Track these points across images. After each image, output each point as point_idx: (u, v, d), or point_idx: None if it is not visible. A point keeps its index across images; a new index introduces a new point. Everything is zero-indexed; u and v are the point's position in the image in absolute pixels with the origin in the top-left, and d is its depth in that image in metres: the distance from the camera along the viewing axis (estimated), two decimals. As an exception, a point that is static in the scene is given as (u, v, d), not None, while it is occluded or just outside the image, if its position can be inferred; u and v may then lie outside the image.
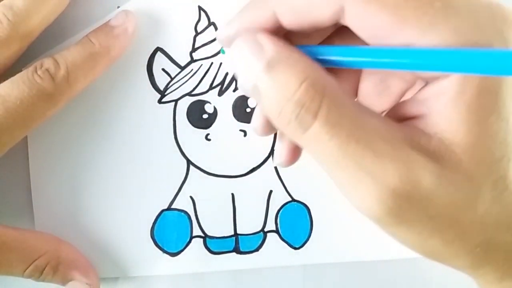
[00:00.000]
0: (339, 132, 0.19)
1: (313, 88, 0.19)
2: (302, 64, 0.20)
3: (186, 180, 0.33)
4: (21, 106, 0.28)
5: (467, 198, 0.20)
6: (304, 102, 0.19)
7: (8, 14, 0.28)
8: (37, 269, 0.31)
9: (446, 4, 0.19)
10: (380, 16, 0.19)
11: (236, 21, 0.23)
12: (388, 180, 0.19)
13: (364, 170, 0.19)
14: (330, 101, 0.19)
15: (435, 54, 0.19)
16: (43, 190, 0.33)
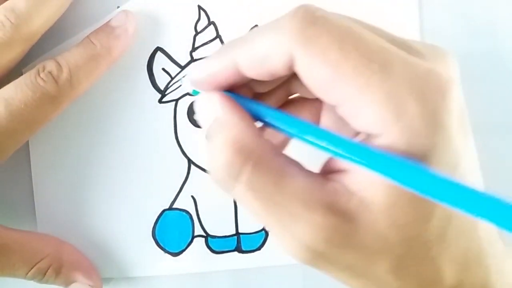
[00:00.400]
0: (260, 195, 0.21)
1: (239, 154, 0.21)
2: (236, 130, 0.22)
3: (187, 179, 0.33)
4: (25, 109, 0.28)
5: (377, 254, 0.21)
6: (229, 168, 0.22)
7: (11, 17, 0.28)
8: (40, 271, 0.31)
9: (383, 67, 0.20)
10: (323, 70, 0.20)
11: (203, 69, 0.24)
12: (304, 239, 0.21)
13: (284, 228, 0.21)
14: (252, 167, 0.21)
15: (357, 149, 0.20)
16: (45, 192, 0.33)
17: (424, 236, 0.21)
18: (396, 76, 0.20)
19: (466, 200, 0.19)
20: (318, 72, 0.21)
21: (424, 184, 0.19)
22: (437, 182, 0.19)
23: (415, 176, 0.19)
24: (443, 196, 0.19)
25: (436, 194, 0.19)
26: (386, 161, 0.20)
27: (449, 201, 0.19)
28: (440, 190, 0.19)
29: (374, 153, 0.20)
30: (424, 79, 0.21)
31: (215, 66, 0.23)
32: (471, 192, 0.19)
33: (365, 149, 0.20)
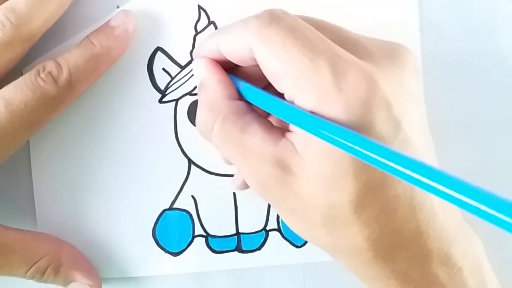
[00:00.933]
0: (228, 146, 0.27)
1: (210, 112, 0.27)
2: (211, 92, 0.27)
3: (188, 179, 0.33)
4: (25, 109, 0.28)
5: (310, 207, 0.25)
6: (204, 123, 0.27)
7: (11, 17, 0.28)
8: (39, 271, 0.31)
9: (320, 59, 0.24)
10: (271, 64, 0.25)
11: (198, 46, 0.30)
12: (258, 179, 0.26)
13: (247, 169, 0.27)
14: (220, 123, 0.26)
15: None
16: (45, 191, 0.33)
17: (347, 205, 0.24)
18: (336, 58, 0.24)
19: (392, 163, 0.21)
20: (268, 65, 0.25)
21: (354, 145, 0.22)
22: (365, 144, 0.21)
23: (346, 137, 0.22)
24: (368, 157, 0.21)
25: (361, 155, 0.22)
26: (320, 124, 0.23)
27: (376, 163, 0.21)
28: (366, 152, 0.21)
29: (311, 118, 0.23)
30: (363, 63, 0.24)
31: (206, 46, 0.28)
32: (394, 154, 0.21)
33: (303, 114, 0.24)
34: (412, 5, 0.34)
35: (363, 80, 0.23)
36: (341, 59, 0.24)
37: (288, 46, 0.24)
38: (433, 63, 0.34)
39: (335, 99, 0.23)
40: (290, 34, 0.24)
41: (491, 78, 0.34)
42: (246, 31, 0.25)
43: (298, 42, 0.24)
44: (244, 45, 0.26)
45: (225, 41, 0.27)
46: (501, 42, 0.34)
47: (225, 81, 0.27)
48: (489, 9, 0.34)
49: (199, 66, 0.29)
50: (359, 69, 0.24)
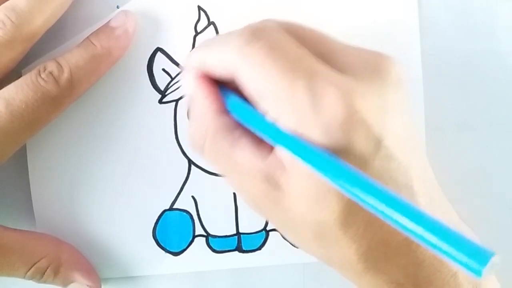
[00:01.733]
0: (218, 161, 0.27)
1: (199, 129, 0.27)
2: (199, 107, 0.27)
3: (188, 179, 0.33)
4: (26, 109, 0.28)
5: (300, 222, 0.26)
6: (194, 139, 0.27)
7: (11, 16, 0.28)
8: (39, 271, 0.31)
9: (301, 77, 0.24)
10: (251, 84, 0.25)
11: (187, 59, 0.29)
12: (249, 194, 0.27)
13: (237, 184, 0.27)
14: (209, 140, 0.26)
15: None
16: (43, 191, 0.33)
17: (333, 223, 0.24)
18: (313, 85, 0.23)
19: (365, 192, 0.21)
20: (249, 84, 0.25)
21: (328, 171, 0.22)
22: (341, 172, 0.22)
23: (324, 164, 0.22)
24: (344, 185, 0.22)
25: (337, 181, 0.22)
26: (297, 146, 0.23)
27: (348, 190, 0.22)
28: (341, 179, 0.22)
29: (290, 139, 0.24)
30: (341, 83, 0.24)
31: (192, 59, 0.28)
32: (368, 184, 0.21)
33: (283, 135, 0.24)
34: (411, 5, 0.34)
35: (340, 102, 0.23)
36: (319, 79, 0.24)
37: (267, 67, 0.24)
38: (433, 63, 0.34)
39: (312, 122, 0.23)
40: (270, 54, 0.24)
41: (491, 78, 0.34)
42: (227, 49, 0.25)
43: (277, 63, 0.24)
44: (226, 63, 0.26)
45: (210, 57, 0.27)
46: (501, 42, 0.34)
47: (213, 95, 0.27)
48: (489, 9, 0.34)
49: (188, 80, 0.28)
50: (337, 89, 0.23)
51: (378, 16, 0.33)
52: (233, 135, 0.26)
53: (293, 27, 0.26)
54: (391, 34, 0.33)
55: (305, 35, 0.26)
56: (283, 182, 0.25)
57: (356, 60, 0.26)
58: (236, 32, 0.26)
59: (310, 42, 0.26)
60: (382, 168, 0.24)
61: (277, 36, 0.25)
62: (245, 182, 0.26)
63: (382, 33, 0.33)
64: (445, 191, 0.31)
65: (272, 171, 0.25)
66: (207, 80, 0.28)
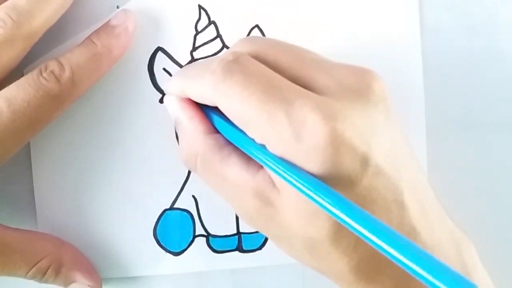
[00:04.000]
0: (210, 179, 0.28)
1: (190, 150, 0.28)
2: (187, 130, 0.28)
3: (188, 179, 0.33)
4: (28, 108, 0.28)
5: (293, 236, 0.26)
6: (186, 160, 0.29)
7: (12, 14, 0.28)
8: (40, 271, 0.31)
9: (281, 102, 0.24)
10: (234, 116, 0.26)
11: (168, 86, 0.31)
12: (241, 211, 0.28)
13: (230, 201, 0.28)
14: (200, 160, 0.28)
15: None
16: (45, 191, 0.33)
17: (323, 238, 0.25)
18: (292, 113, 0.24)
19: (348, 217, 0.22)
20: (231, 116, 0.26)
21: (313, 195, 0.23)
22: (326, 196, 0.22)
23: (309, 188, 0.23)
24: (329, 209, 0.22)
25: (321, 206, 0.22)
26: (287, 170, 0.24)
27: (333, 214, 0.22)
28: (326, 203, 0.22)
29: (278, 162, 0.24)
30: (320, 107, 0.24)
31: (173, 89, 0.30)
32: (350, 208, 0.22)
33: (270, 159, 0.24)
34: (412, 6, 0.34)
35: (321, 127, 0.23)
36: (297, 106, 0.24)
37: (244, 101, 0.24)
38: (433, 63, 0.34)
39: (296, 150, 0.24)
40: (244, 88, 0.25)
41: (491, 78, 0.34)
42: (204, 86, 0.26)
43: (253, 96, 0.24)
44: (205, 97, 0.27)
45: (189, 88, 0.28)
46: (501, 42, 0.34)
47: (197, 117, 0.28)
48: (489, 8, 0.34)
49: (171, 103, 0.30)
50: (317, 114, 0.23)
51: (379, 16, 0.33)
52: (222, 153, 0.27)
53: (265, 51, 0.27)
54: (391, 34, 0.34)
55: (278, 58, 0.26)
56: (274, 199, 0.26)
57: (335, 80, 0.26)
58: (209, 67, 0.26)
59: (284, 66, 0.26)
60: (371, 186, 0.24)
61: (249, 68, 0.25)
62: (237, 198, 0.27)
63: (382, 33, 0.33)
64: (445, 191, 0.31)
65: (262, 188, 0.26)
66: (189, 103, 0.29)
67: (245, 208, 0.27)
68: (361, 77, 0.26)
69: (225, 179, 0.27)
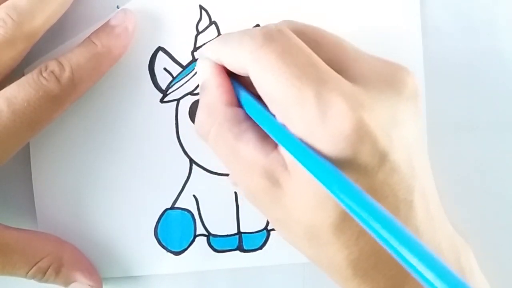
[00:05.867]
0: (222, 151, 0.27)
1: (208, 117, 0.28)
2: (210, 96, 0.28)
3: (189, 179, 0.33)
4: (28, 108, 0.28)
5: (295, 221, 0.26)
6: (201, 126, 0.28)
7: (12, 14, 0.28)
8: (40, 271, 0.31)
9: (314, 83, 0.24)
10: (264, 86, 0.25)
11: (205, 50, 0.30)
12: (248, 187, 0.27)
13: (238, 175, 0.28)
14: (216, 129, 0.27)
15: None
16: (45, 190, 0.33)
17: (327, 227, 0.25)
18: (322, 94, 0.24)
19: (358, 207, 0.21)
20: (260, 87, 0.25)
21: (326, 180, 0.23)
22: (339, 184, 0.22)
23: (324, 173, 0.23)
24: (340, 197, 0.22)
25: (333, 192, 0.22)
26: (304, 153, 0.23)
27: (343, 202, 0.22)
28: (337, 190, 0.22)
29: (295, 145, 0.24)
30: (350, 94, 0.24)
31: (209, 52, 0.29)
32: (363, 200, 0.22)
33: (288, 139, 0.24)
34: (414, 5, 0.34)
35: (348, 113, 0.23)
36: (328, 89, 0.24)
37: (277, 73, 0.24)
38: (433, 63, 0.34)
39: (319, 132, 0.24)
40: (281, 59, 0.24)
41: (491, 78, 0.35)
42: (240, 50, 0.26)
43: (288, 68, 0.24)
44: (240, 64, 0.26)
45: (225, 54, 0.28)
46: (502, 42, 0.34)
47: (225, 86, 0.28)
48: (490, 10, 0.34)
49: (202, 67, 0.29)
50: (346, 100, 0.24)
51: (380, 16, 0.34)
52: (239, 127, 0.27)
53: (308, 31, 0.27)
54: (393, 34, 0.34)
55: (319, 40, 0.26)
56: (283, 181, 0.25)
57: (369, 71, 0.26)
58: (250, 32, 0.26)
59: (323, 48, 0.26)
60: (384, 182, 0.24)
61: (290, 40, 0.25)
62: (245, 175, 0.27)
63: (384, 33, 0.33)
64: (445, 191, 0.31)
65: (273, 168, 0.25)
66: (221, 71, 0.28)
67: (251, 186, 0.27)
68: (396, 71, 0.26)
69: (237, 154, 0.26)
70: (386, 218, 0.21)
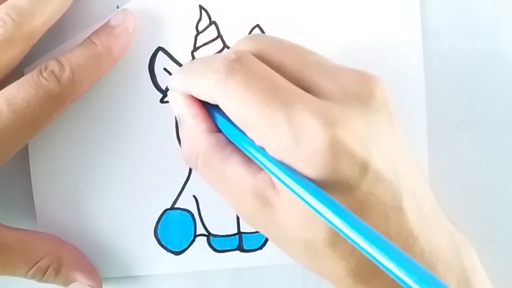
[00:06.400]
0: (211, 178, 0.28)
1: (192, 148, 0.28)
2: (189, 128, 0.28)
3: (189, 179, 0.33)
4: (28, 108, 0.28)
5: (291, 237, 0.26)
6: (188, 158, 0.29)
7: (12, 14, 0.28)
8: (40, 271, 0.31)
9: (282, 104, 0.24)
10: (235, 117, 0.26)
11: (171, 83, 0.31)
12: (241, 211, 0.28)
13: (230, 199, 0.28)
14: (201, 158, 0.28)
15: None
16: (45, 191, 0.33)
17: (321, 242, 0.25)
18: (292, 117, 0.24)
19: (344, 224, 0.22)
20: (232, 116, 0.26)
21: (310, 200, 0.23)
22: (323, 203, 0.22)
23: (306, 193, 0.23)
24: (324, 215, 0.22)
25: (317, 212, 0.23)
26: (285, 174, 0.24)
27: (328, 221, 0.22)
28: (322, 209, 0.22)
29: (276, 165, 0.24)
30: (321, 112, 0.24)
31: (176, 85, 0.29)
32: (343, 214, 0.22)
33: (268, 162, 0.25)
34: (414, 6, 0.34)
35: (321, 132, 0.23)
36: (298, 110, 0.24)
37: (245, 102, 0.24)
38: (433, 63, 0.34)
39: (295, 154, 0.24)
40: (246, 89, 0.24)
41: (491, 78, 0.35)
42: (206, 85, 0.26)
43: (255, 97, 0.24)
44: (207, 96, 0.27)
45: (191, 87, 0.28)
46: (502, 43, 0.34)
47: (201, 115, 0.28)
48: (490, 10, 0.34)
49: (175, 100, 0.29)
50: (317, 119, 0.23)
51: (381, 17, 0.33)
52: (223, 152, 0.27)
53: (269, 51, 0.27)
54: (393, 35, 0.34)
55: (282, 59, 0.26)
56: (273, 200, 0.26)
57: (337, 85, 0.25)
58: (212, 65, 0.26)
59: (288, 67, 0.26)
60: (369, 192, 0.24)
61: (253, 67, 0.25)
62: (237, 198, 0.27)
63: (384, 33, 0.33)
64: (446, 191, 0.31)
65: (262, 189, 0.26)
66: (193, 100, 0.28)
67: (245, 208, 0.27)
68: (363, 83, 0.26)
69: (226, 179, 0.27)
70: (369, 233, 0.21)
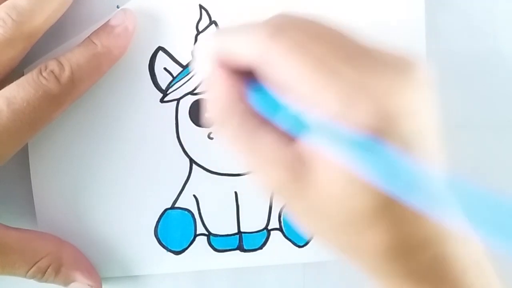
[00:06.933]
0: (239, 146, 0.26)
1: (222, 110, 0.26)
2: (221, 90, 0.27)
3: (189, 179, 0.33)
4: (27, 108, 0.28)
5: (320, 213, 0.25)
6: (218, 121, 0.27)
7: (12, 14, 0.28)
8: (40, 270, 0.31)
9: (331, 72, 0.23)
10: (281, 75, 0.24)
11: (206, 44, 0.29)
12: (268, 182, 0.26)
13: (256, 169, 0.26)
14: (235, 123, 0.26)
15: None
16: (44, 190, 0.33)
17: (356, 216, 0.24)
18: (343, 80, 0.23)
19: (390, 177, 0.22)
20: (272, 77, 0.25)
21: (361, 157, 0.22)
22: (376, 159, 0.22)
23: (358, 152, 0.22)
24: None
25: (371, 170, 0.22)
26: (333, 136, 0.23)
27: None
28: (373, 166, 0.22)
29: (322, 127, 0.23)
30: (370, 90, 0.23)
31: (215, 44, 0.27)
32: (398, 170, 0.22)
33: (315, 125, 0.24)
34: (418, 6, 0.34)
35: (372, 108, 0.23)
36: (347, 82, 0.23)
37: (295, 60, 0.24)
38: (434, 63, 0.34)
39: (343, 115, 0.23)
40: (296, 47, 0.24)
41: (492, 78, 0.35)
42: (254, 37, 0.25)
43: (304, 57, 0.24)
44: (252, 51, 0.25)
45: (234, 43, 0.26)
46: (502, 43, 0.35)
47: (233, 80, 0.27)
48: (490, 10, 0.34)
49: (205, 62, 0.28)
50: (368, 94, 0.23)
51: (384, 16, 0.33)
52: (257, 119, 0.26)
53: (318, 24, 0.26)
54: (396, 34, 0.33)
55: (331, 33, 0.26)
56: (306, 173, 0.25)
57: (383, 63, 0.25)
58: (259, 24, 0.25)
59: (336, 42, 0.25)
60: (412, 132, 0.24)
61: (301, 32, 0.25)
62: (266, 169, 0.26)
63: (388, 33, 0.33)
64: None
65: (295, 160, 0.25)
66: (225, 64, 0.27)
67: (273, 180, 0.26)
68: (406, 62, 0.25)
69: (256, 148, 0.26)
70: None
